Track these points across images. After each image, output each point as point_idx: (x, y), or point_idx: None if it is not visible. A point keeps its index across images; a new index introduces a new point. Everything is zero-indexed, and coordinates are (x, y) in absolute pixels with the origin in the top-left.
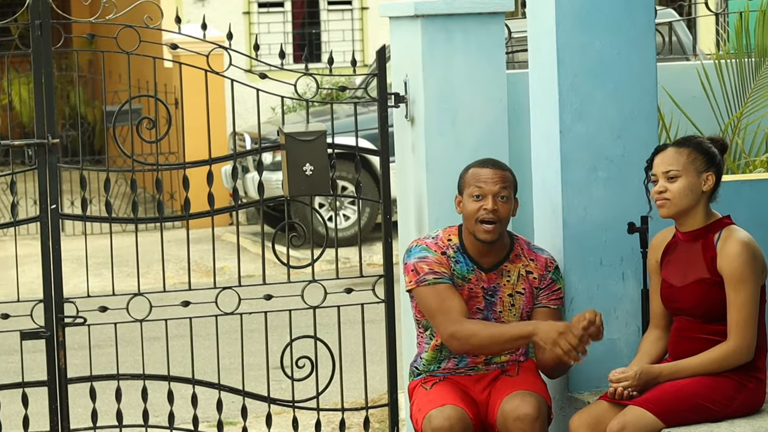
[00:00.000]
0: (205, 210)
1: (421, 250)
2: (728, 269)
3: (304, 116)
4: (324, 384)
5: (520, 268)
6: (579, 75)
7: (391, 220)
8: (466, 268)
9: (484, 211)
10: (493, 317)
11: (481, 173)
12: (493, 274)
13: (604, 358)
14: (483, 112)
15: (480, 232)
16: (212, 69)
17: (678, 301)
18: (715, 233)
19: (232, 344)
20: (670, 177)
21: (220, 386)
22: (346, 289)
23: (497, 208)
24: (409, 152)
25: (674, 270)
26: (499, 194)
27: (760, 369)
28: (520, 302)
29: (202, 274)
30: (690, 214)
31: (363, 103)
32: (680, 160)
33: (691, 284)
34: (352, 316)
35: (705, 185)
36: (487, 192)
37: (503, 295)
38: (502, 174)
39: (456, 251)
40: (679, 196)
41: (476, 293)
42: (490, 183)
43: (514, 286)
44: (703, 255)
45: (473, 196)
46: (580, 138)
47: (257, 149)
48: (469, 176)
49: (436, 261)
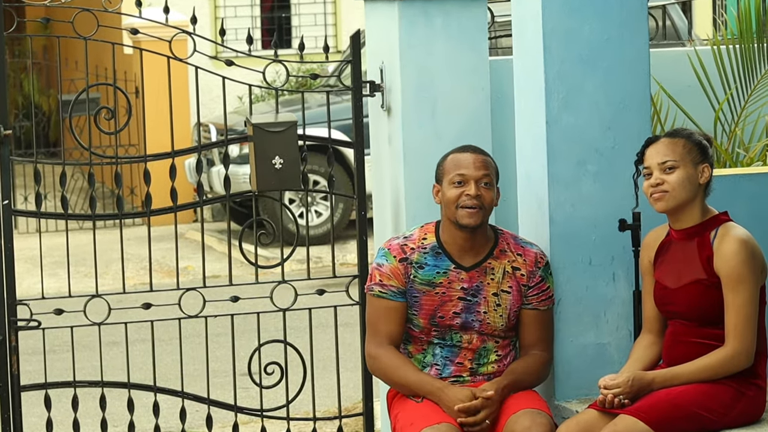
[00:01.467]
0: (167, 206)
1: (383, 255)
2: (725, 269)
3: (274, 106)
4: (294, 392)
5: (505, 265)
6: (566, 62)
7: (365, 216)
8: (436, 271)
9: (467, 197)
10: (476, 319)
11: (462, 159)
12: (476, 272)
13: (593, 364)
14: (464, 101)
15: (462, 216)
16: (175, 55)
17: (672, 304)
18: (712, 231)
19: (196, 349)
20: (668, 168)
21: (184, 394)
22: (318, 291)
23: (480, 194)
24: (386, 144)
25: (668, 270)
26: (481, 180)
27: (759, 375)
28: (506, 302)
29: (165, 274)
30: (686, 210)
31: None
32: (676, 150)
33: (686, 286)
34: (324, 319)
35: (702, 177)
36: (469, 177)
37: (487, 295)
38: (483, 159)
39: (428, 252)
40: (678, 188)
41: (450, 297)
42: (472, 168)
43: (500, 285)
44: (698, 254)
45: (454, 182)
46: (568, 129)
47: (223, 141)
48: (449, 163)
49: (389, 272)
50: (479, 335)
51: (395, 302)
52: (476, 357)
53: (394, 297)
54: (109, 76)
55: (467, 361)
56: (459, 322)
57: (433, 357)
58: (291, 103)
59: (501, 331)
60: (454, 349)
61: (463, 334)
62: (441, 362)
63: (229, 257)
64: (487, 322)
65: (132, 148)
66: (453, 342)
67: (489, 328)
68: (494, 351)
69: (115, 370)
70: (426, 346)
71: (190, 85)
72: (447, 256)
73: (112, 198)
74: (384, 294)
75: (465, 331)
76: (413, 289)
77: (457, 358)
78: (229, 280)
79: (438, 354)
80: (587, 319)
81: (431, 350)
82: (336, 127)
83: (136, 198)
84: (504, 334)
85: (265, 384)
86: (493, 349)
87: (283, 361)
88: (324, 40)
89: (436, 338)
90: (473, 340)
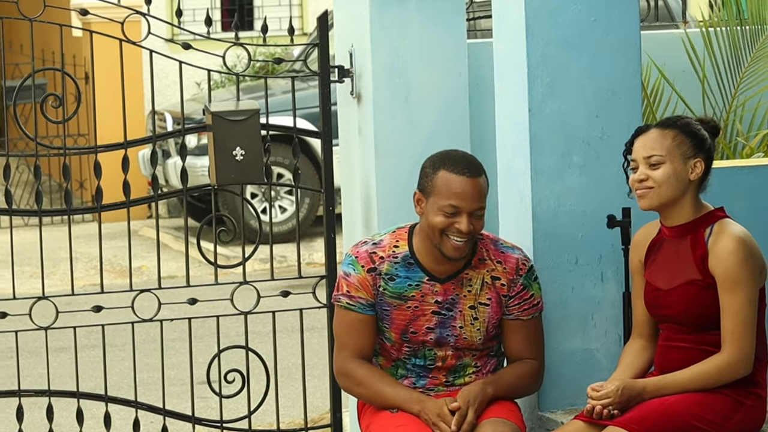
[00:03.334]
0: (119, 201)
1: (350, 263)
2: (721, 269)
3: (234, 93)
4: (257, 401)
5: (484, 275)
6: (551, 45)
7: (334, 212)
8: (408, 283)
9: (457, 230)
10: (452, 335)
11: (458, 185)
12: (451, 285)
13: (580, 371)
14: (440, 88)
15: (449, 249)
16: (128, 38)
17: (664, 307)
18: (706, 228)
19: (150, 355)
20: (652, 164)
21: (137, 404)
22: (283, 292)
23: (472, 228)
24: (355, 134)
25: (660, 271)
26: (476, 212)
27: (759, 384)
28: (484, 315)
29: (117, 274)
30: (675, 207)
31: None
32: (664, 143)
33: (679, 287)
34: (289, 322)
35: (692, 173)
36: (463, 209)
37: (464, 308)
38: (480, 185)
39: (399, 263)
40: (663, 185)
41: (423, 311)
42: (468, 199)
43: (477, 297)
44: (692, 253)
45: (444, 210)
46: (552, 118)
47: (180, 131)
48: (441, 182)
49: (356, 282)
50: (455, 351)
51: (364, 315)
52: (451, 373)
53: (362, 310)
54: (56, 61)
55: (441, 376)
56: (433, 338)
57: (405, 371)
58: (253, 90)
59: (478, 344)
60: (428, 368)
61: (437, 351)
62: (414, 375)
63: (187, 256)
64: (464, 337)
65: (81, 138)
66: (426, 362)
67: (465, 342)
68: (472, 364)
69: (63, 378)
70: (397, 361)
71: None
72: (420, 267)
73: (59, 192)
74: (352, 306)
75: (439, 347)
76: (383, 302)
77: (431, 373)
78: (187, 281)
79: (411, 368)
80: (573, 323)
81: (402, 364)
82: (302, 116)
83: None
84: (482, 347)
85: (225, 393)
86: (470, 362)
87: (244, 369)
88: (289, 22)
89: (408, 355)
90: (448, 358)
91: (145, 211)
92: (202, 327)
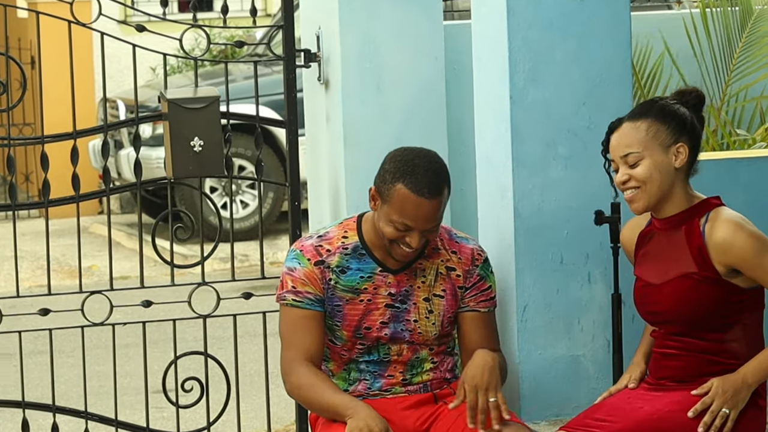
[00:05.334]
0: (68, 195)
1: (294, 257)
2: (735, 254)
3: (192, 78)
4: (217, 411)
5: (438, 265)
6: (534, 27)
7: (300, 207)
8: (360, 275)
9: (406, 244)
10: (406, 329)
11: (412, 205)
12: (404, 276)
13: (565, 380)
14: (415, 73)
15: (396, 253)
16: (77, 20)
17: (656, 304)
18: (701, 217)
19: (102, 362)
20: (630, 162)
21: (88, 415)
22: (245, 294)
23: (424, 241)
24: (323, 123)
25: (651, 265)
26: (429, 230)
27: (759, 393)
28: (439, 307)
29: (65, 275)
30: (666, 199)
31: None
32: (638, 137)
33: (672, 281)
34: (251, 327)
35: (676, 161)
36: (414, 228)
37: (418, 300)
38: (437, 206)
39: (350, 254)
40: (648, 182)
41: (376, 305)
42: (421, 221)
43: (431, 288)
44: (687, 244)
45: (395, 224)
46: (535, 106)
47: (133, 120)
48: (396, 197)
49: (303, 276)
50: (410, 345)
51: (312, 311)
52: (408, 368)
53: (310, 305)
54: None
55: (398, 373)
56: (387, 333)
57: (359, 373)
58: (212, 76)
59: (434, 339)
60: (383, 363)
61: (391, 346)
62: (369, 377)
63: (141, 255)
64: (419, 331)
65: (27, 127)
66: (380, 356)
67: (420, 337)
68: (429, 359)
69: (7, 386)
70: (349, 363)
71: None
72: (371, 257)
73: (3, 186)
74: (299, 302)
75: (394, 342)
76: (334, 296)
77: (387, 371)
78: (141, 281)
79: (365, 369)
80: (558, 328)
81: (355, 366)
82: (265, 104)
83: (31, 186)
84: (438, 342)
85: (183, 403)
86: (427, 357)
87: (203, 377)
88: (251, 2)
89: (362, 353)
90: (403, 352)
91: (95, 206)
92: (158, 331)
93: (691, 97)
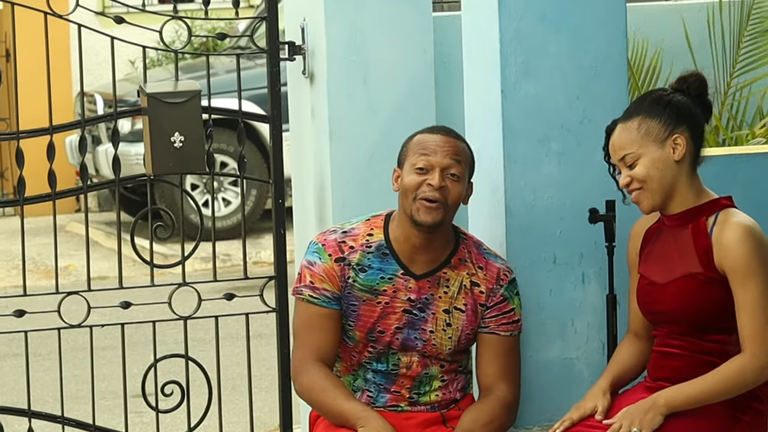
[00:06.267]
0: (44, 193)
1: (315, 251)
2: (729, 261)
3: (172, 72)
4: (198, 416)
5: (463, 278)
6: (526, 19)
7: (284, 205)
8: (380, 276)
9: (428, 186)
10: (420, 338)
11: (429, 140)
12: (427, 282)
13: (559, 383)
14: (403, 66)
15: (420, 211)
16: (53, 11)
17: (659, 303)
18: (710, 216)
19: (79, 365)
20: (628, 164)
21: (64, 420)
22: (227, 295)
23: (445, 185)
24: (308, 118)
25: (656, 263)
26: (449, 169)
27: (759, 398)
28: (458, 322)
29: (41, 275)
30: (673, 195)
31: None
32: (631, 137)
33: (677, 280)
34: (234, 329)
35: (675, 153)
36: (434, 164)
37: (437, 311)
38: (456, 144)
39: (373, 252)
40: (648, 180)
41: (394, 308)
42: (439, 153)
43: (453, 300)
44: (693, 243)
45: (416, 168)
46: (528, 100)
47: (112, 114)
48: (414, 144)
49: (322, 272)
50: (421, 358)
51: (328, 309)
52: (416, 384)
53: (327, 303)
54: None
55: (405, 390)
56: (400, 338)
57: (365, 382)
58: (194, 69)
59: (447, 354)
60: (390, 376)
61: (401, 356)
62: (374, 389)
63: (119, 255)
64: (433, 343)
65: (2, 122)
66: (389, 367)
67: (434, 350)
68: (438, 377)
69: None
70: (357, 368)
71: (72, 47)
72: (395, 259)
73: None
74: (315, 299)
75: (405, 351)
76: (351, 295)
77: (394, 386)
78: (119, 282)
79: (371, 379)
80: (551, 330)
81: (363, 374)
82: (248, 98)
83: (6, 183)
84: (451, 358)
85: (163, 407)
86: (437, 374)
87: (183, 380)
88: None
89: (371, 359)
90: (413, 365)
91: (72, 204)
92: (137, 334)
93: (691, 81)
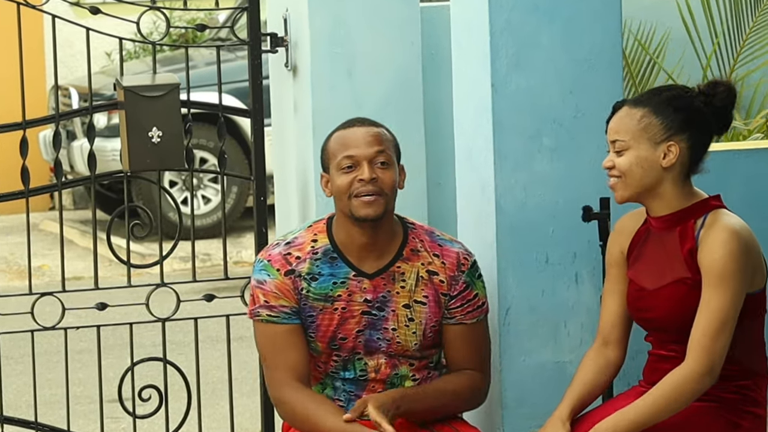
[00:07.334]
0: (17, 190)
1: (261, 269)
2: (707, 261)
3: (150, 65)
4: (177, 422)
5: (419, 268)
6: (517, 9)
7: (266, 203)
8: (332, 281)
9: (360, 182)
10: (383, 338)
11: (348, 136)
12: (381, 280)
13: (551, 387)
14: (389, 59)
15: (358, 207)
16: (27, 2)
17: (649, 309)
18: (698, 218)
19: (53, 369)
20: (617, 149)
21: (38, 425)
22: (207, 296)
23: (376, 176)
24: (290, 113)
25: (646, 267)
26: (376, 159)
27: (758, 402)
28: (421, 315)
29: (14, 275)
30: (655, 197)
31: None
32: (629, 126)
33: (667, 286)
34: (213, 331)
35: (665, 159)
36: (360, 158)
37: (397, 307)
38: (376, 132)
39: (321, 258)
40: (627, 175)
41: (351, 312)
42: (362, 145)
43: (412, 294)
44: (680, 247)
45: (342, 168)
46: (519, 94)
47: (87, 108)
48: (334, 144)
49: (274, 289)
50: (388, 359)
51: (290, 325)
52: (388, 387)
53: (287, 319)
54: None
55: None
56: (363, 341)
57: (334, 391)
58: (172, 61)
59: (414, 351)
60: (359, 382)
61: (368, 360)
62: (344, 397)
63: (95, 254)
64: (397, 341)
65: None
66: (357, 374)
67: (399, 348)
68: (409, 376)
69: None
70: (324, 377)
71: (46, 39)
72: (344, 261)
73: None
74: (275, 318)
75: (370, 354)
76: (307, 306)
77: (365, 392)
78: (95, 282)
79: (340, 387)
80: (543, 332)
81: (331, 382)
82: (228, 91)
83: None
84: (419, 355)
85: (140, 413)
86: (407, 374)
87: (162, 384)
88: None
89: (337, 368)
90: (381, 368)
91: (46, 201)
92: (113, 336)
93: (720, 91)
